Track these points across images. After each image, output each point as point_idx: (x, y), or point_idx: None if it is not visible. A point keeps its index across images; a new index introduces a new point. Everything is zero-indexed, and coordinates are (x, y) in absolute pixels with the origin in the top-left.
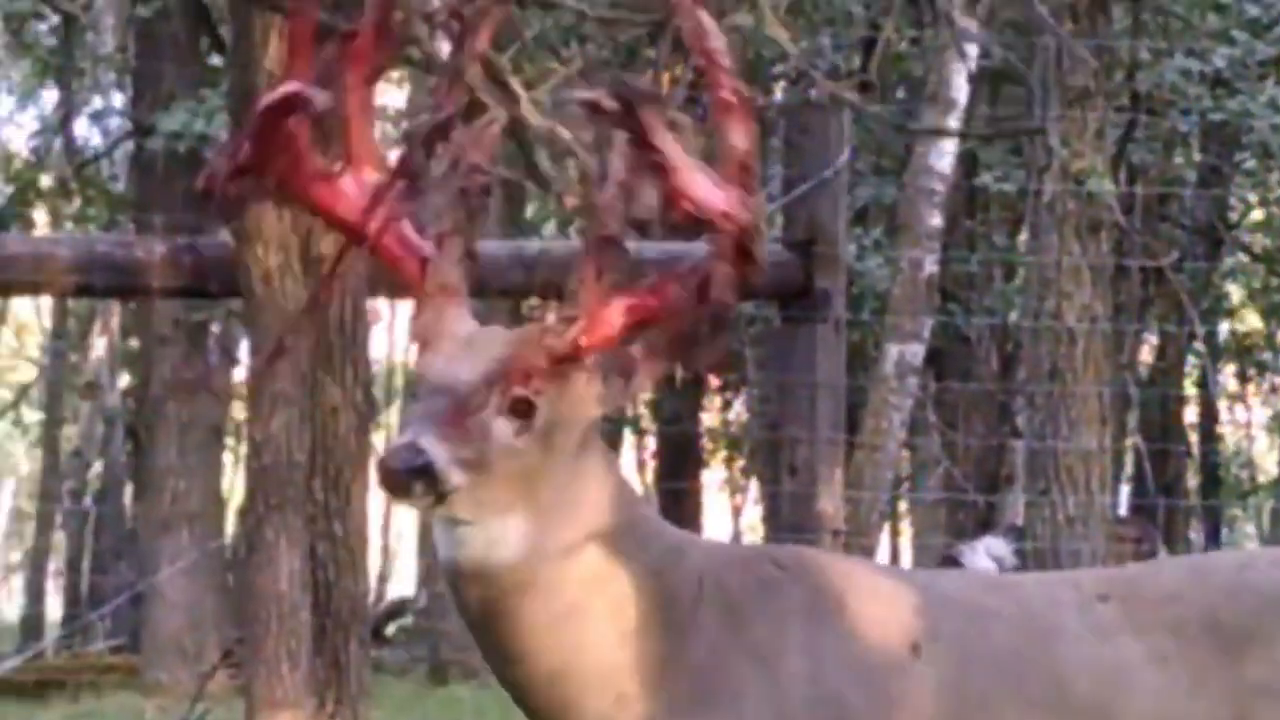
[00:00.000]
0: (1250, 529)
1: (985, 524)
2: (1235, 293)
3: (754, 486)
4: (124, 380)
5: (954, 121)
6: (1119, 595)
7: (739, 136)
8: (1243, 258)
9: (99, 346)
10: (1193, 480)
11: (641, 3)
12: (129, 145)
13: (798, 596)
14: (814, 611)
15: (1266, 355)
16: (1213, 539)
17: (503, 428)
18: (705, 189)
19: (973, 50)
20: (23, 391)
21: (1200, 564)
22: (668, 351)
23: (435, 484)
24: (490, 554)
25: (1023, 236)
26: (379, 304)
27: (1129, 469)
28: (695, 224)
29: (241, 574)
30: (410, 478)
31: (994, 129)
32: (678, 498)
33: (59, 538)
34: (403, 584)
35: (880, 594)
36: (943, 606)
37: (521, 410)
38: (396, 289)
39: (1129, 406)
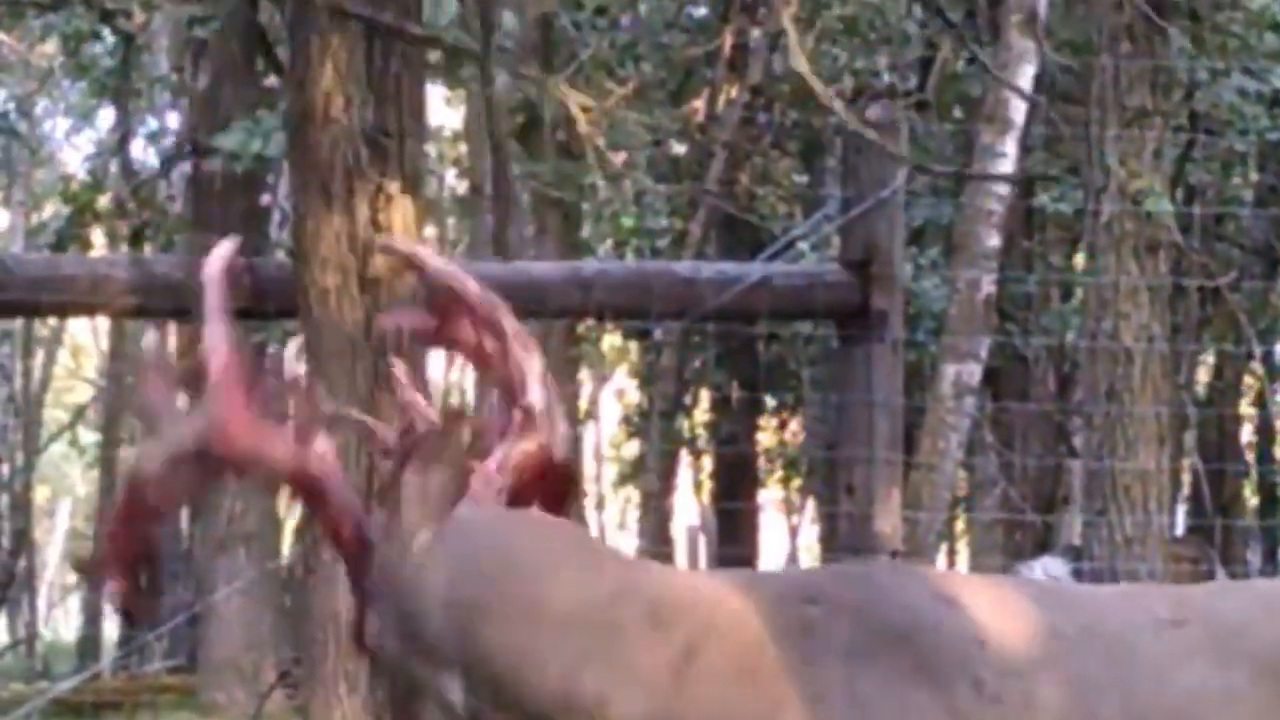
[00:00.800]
0: None
1: (1042, 544)
2: None
3: (811, 506)
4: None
5: (1011, 142)
6: (1194, 621)
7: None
8: None
9: None
10: (1250, 500)
11: (696, 25)
12: (186, 166)
13: (833, 636)
14: (856, 651)
15: None
16: (1270, 559)
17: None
18: None
19: (1030, 70)
20: (79, 412)
21: (1269, 595)
22: None
23: None
24: None
25: (1080, 256)
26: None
27: (1186, 489)
28: None
29: (299, 594)
30: None
31: (1049, 161)
32: (735, 518)
33: None
34: None
35: (942, 626)
36: (1008, 638)
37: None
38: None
39: (1186, 426)
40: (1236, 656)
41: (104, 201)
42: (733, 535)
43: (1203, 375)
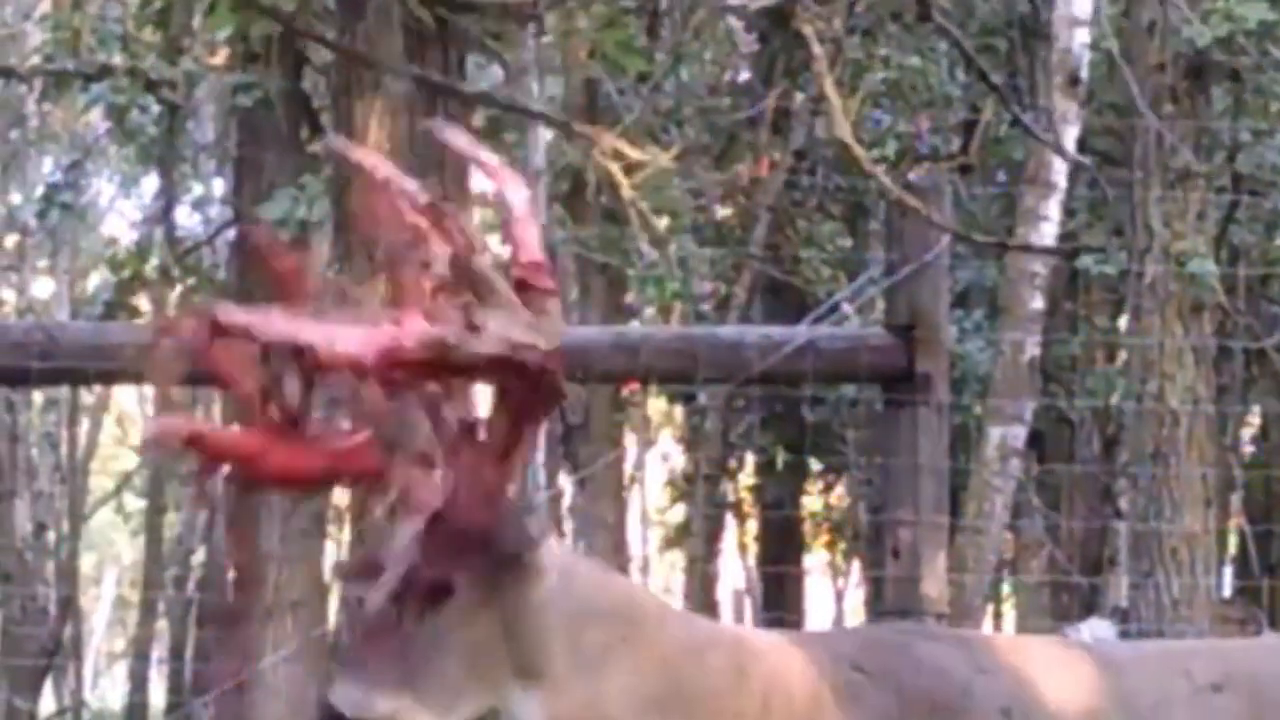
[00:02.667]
0: None
1: (1089, 606)
2: None
3: (856, 570)
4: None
5: (1054, 205)
6: (1235, 685)
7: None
8: None
9: None
10: None
11: (740, 89)
12: (230, 233)
13: (878, 706)
14: None
15: None
16: None
17: (422, 623)
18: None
19: (1073, 132)
20: (125, 479)
21: None
22: None
23: None
24: None
25: (1124, 318)
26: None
27: (1232, 550)
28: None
29: None
30: None
31: (1092, 224)
32: (780, 582)
33: (162, 625)
34: None
35: (970, 694)
36: (1037, 707)
37: (438, 596)
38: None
39: (1232, 487)
40: None
41: (150, 268)
42: (778, 599)
43: (1248, 436)
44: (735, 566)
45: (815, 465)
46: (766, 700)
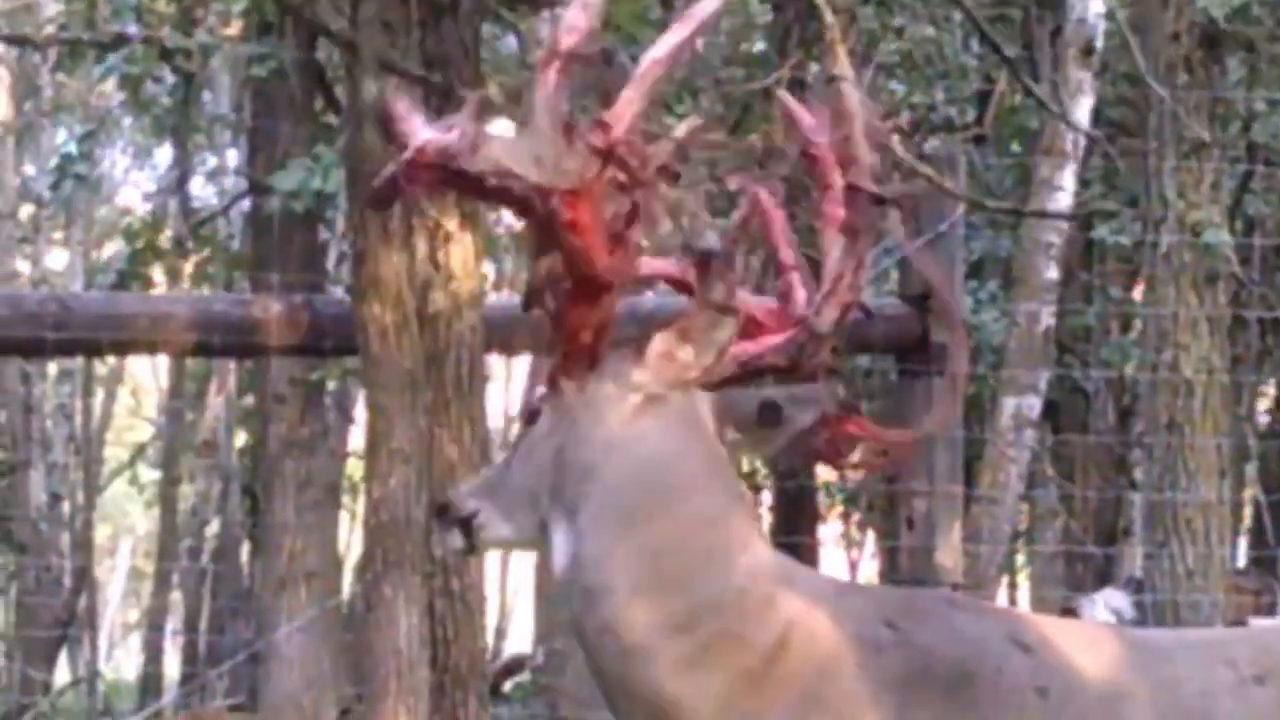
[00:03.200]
0: None
1: (1103, 576)
2: None
3: (871, 541)
4: (240, 439)
5: (1069, 175)
6: (1276, 678)
7: (836, 255)
8: None
9: (215, 405)
10: None
11: (754, 59)
12: (245, 204)
13: (899, 665)
14: (915, 685)
15: None
16: None
17: (519, 443)
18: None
19: (1087, 103)
20: (139, 450)
21: None
22: None
23: (447, 514)
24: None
25: (1139, 288)
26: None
27: (1247, 520)
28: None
29: (360, 632)
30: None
31: (1107, 194)
32: (795, 552)
33: (176, 596)
34: (519, 640)
35: (1005, 671)
36: (1075, 691)
37: (529, 420)
38: (510, 346)
39: (1247, 458)
40: None
41: (164, 239)
42: None
43: (1263, 406)
44: None
45: None
46: (785, 635)
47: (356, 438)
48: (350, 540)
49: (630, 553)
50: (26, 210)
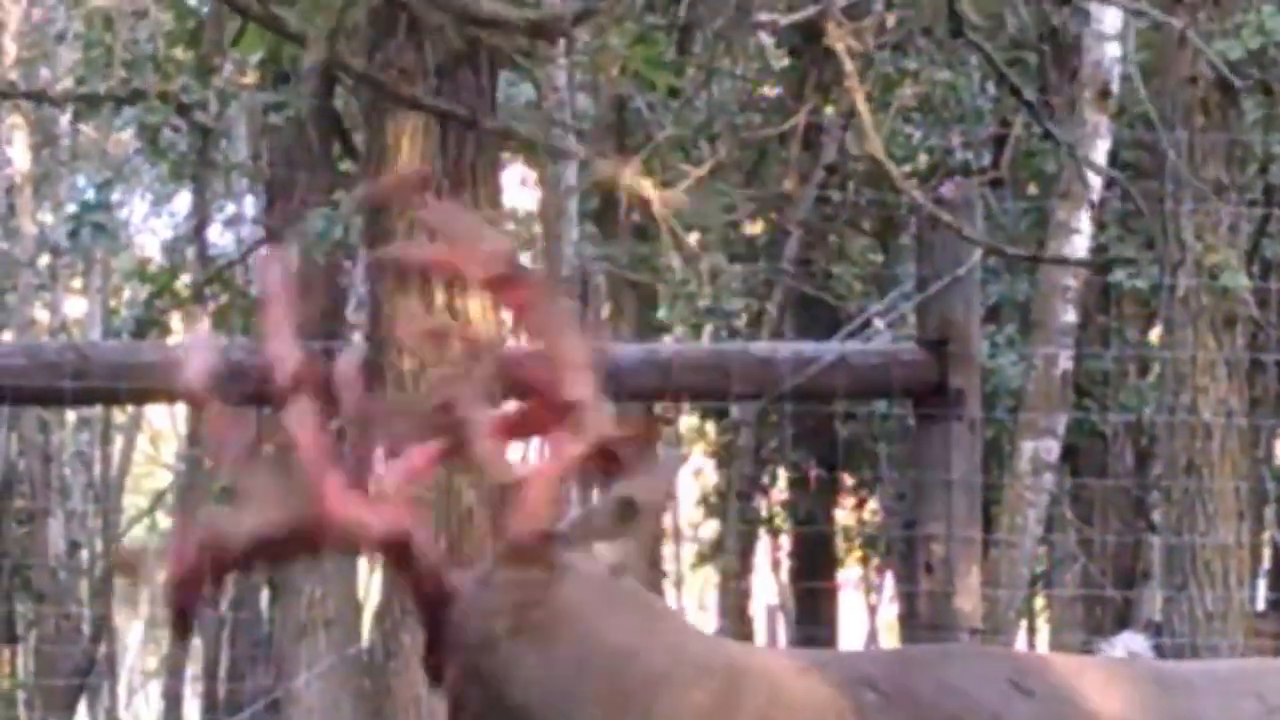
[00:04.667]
0: None
1: (1123, 620)
2: None
3: (890, 585)
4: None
5: (1085, 218)
6: None
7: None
8: None
9: None
10: None
11: (770, 104)
12: (263, 251)
13: None
14: None
15: None
16: None
17: None
18: None
19: (1104, 145)
20: (158, 498)
21: None
22: None
23: None
24: None
25: (1157, 331)
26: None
27: (1266, 563)
28: None
29: (379, 679)
30: None
31: (1124, 237)
32: (814, 597)
33: (196, 644)
34: None
35: (1001, 718)
36: None
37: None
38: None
39: (1266, 501)
40: None
41: (182, 286)
42: (812, 614)
43: None
44: (768, 582)
45: (848, 480)
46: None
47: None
48: (369, 586)
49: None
50: (45, 259)
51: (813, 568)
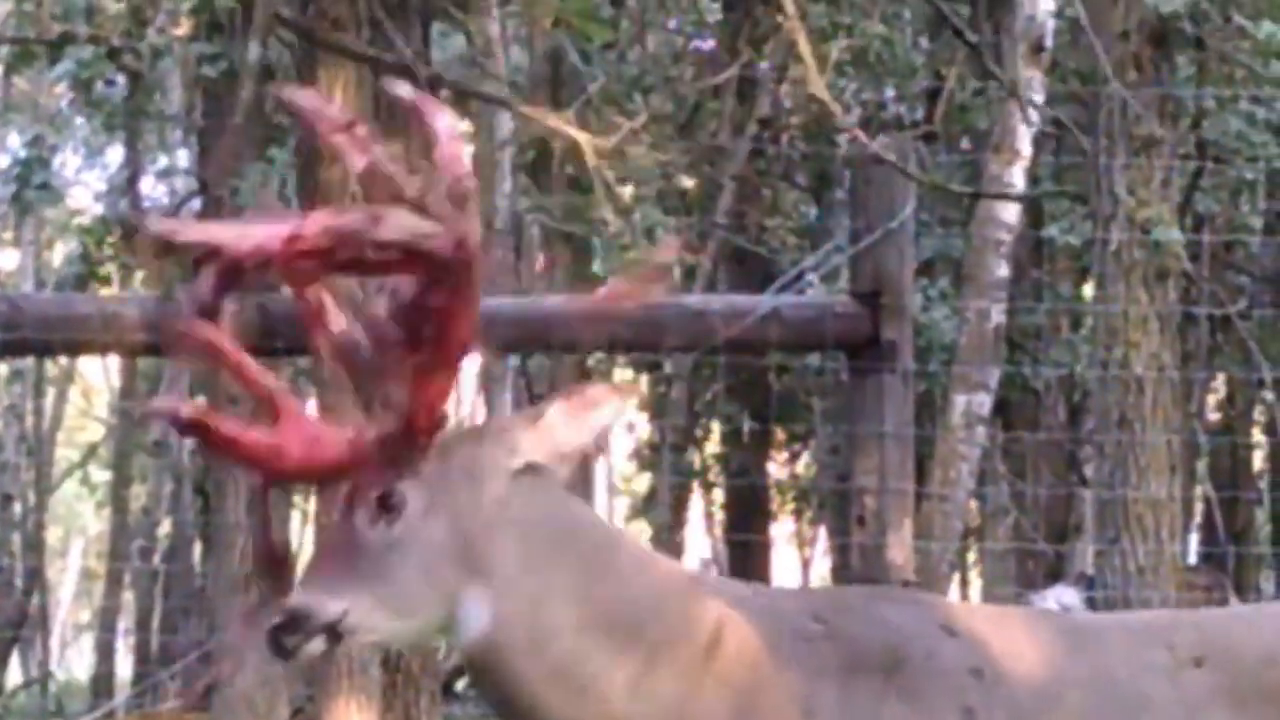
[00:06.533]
0: None
1: (1055, 573)
2: None
3: (823, 538)
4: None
5: (1019, 172)
6: (1215, 659)
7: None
8: None
9: None
10: (1263, 527)
11: (704, 57)
12: (195, 203)
13: (831, 655)
14: (850, 671)
15: None
16: None
17: (375, 532)
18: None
19: (1037, 100)
20: (91, 451)
21: None
22: None
23: (306, 623)
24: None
25: (1089, 286)
26: None
27: (1198, 517)
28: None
29: None
30: (278, 635)
31: (1058, 183)
32: (747, 551)
33: (128, 597)
34: None
35: (937, 654)
36: (1009, 672)
37: (389, 505)
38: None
39: (1198, 454)
40: (1257, 697)
41: (115, 239)
42: (745, 568)
43: (1213, 403)
44: (701, 536)
45: (781, 433)
46: (719, 632)
47: None
48: (303, 539)
49: (564, 590)
50: None
51: (746, 521)
